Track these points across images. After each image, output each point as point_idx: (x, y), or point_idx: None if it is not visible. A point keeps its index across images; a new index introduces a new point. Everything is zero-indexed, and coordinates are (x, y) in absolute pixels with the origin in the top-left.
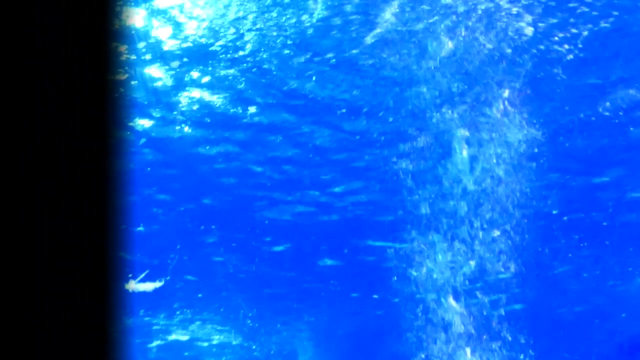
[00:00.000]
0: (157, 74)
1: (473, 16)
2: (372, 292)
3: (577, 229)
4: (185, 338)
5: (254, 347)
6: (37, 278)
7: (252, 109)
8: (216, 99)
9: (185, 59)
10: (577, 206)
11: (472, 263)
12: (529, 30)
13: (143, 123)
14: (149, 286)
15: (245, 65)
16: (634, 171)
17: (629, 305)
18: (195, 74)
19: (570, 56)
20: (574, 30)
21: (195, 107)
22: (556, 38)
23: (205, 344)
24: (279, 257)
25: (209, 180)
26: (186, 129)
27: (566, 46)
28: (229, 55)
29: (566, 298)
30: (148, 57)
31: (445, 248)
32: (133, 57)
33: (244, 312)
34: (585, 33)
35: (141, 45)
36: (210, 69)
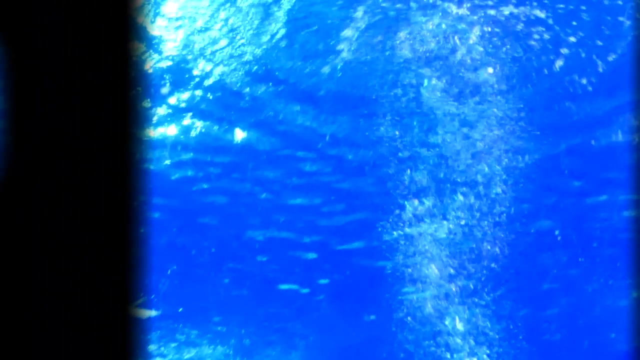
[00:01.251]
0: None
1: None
2: (368, 310)
3: (566, 245)
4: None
5: None
6: (37, 278)
7: (237, 133)
8: (201, 122)
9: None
10: (567, 221)
11: (463, 282)
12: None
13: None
14: (145, 313)
15: (231, 82)
16: (624, 188)
17: (617, 323)
18: (180, 96)
19: (587, 85)
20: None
21: (183, 130)
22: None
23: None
24: (273, 276)
25: (199, 200)
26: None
27: (585, 80)
28: (210, 79)
29: (553, 316)
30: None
31: (437, 265)
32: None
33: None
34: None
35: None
36: (193, 92)
